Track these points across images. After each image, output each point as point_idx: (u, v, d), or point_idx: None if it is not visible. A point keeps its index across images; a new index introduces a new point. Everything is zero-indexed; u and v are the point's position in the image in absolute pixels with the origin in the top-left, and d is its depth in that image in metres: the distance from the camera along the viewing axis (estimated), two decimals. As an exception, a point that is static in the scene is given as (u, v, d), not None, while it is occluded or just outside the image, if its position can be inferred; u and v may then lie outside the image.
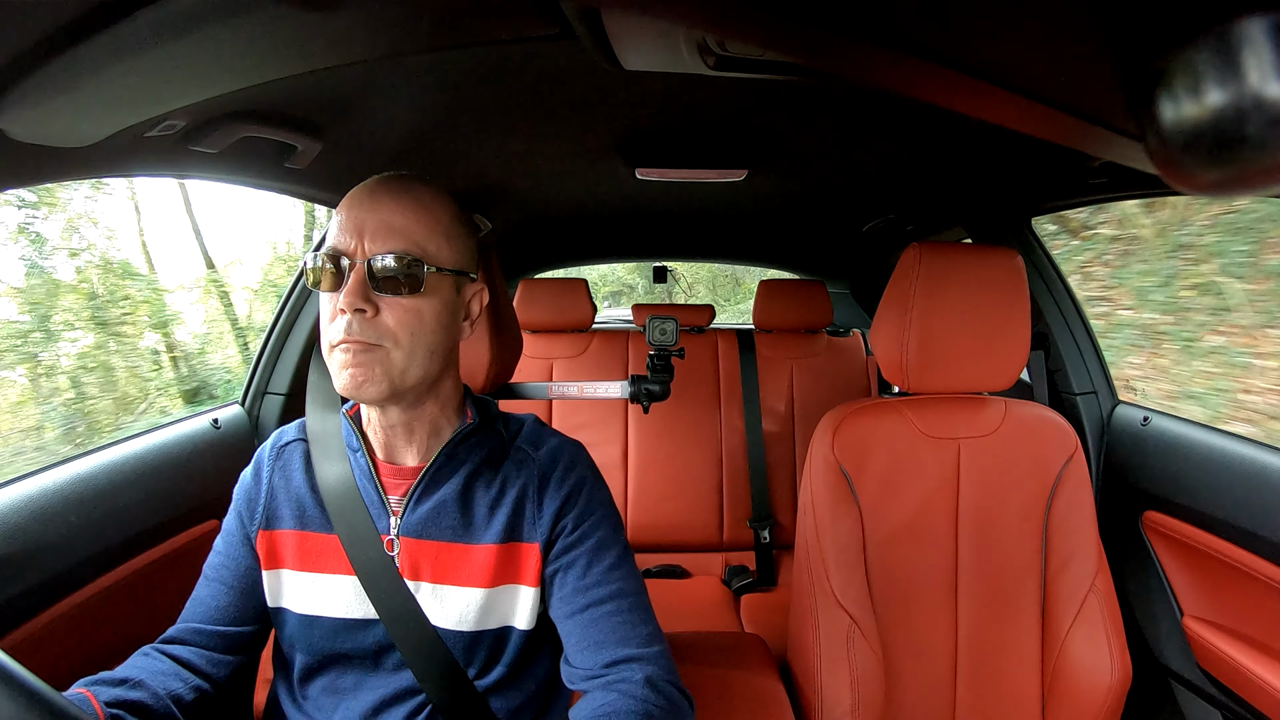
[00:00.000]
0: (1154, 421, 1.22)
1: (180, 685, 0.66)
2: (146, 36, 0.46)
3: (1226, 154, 0.19)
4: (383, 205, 0.65)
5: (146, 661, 0.67)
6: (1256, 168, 0.19)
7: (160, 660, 0.68)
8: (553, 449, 0.74)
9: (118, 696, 0.60)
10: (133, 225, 4.33)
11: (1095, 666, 0.93)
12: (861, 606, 0.94)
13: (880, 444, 0.99)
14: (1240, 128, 0.18)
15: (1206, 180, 0.20)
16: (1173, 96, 0.20)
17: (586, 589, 0.69)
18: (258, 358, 1.30)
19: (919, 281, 0.97)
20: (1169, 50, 0.19)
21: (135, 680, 0.63)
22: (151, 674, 0.65)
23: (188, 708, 0.66)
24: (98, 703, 0.58)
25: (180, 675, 0.67)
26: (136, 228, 4.35)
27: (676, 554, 1.83)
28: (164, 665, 0.67)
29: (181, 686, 0.66)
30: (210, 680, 0.69)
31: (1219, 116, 0.18)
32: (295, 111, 0.82)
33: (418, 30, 0.56)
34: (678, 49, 0.64)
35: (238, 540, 0.73)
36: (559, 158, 1.23)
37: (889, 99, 0.88)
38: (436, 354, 0.67)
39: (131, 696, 0.61)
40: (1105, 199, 1.24)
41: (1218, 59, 0.18)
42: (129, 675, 0.63)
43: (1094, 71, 0.23)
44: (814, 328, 1.96)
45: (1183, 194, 0.56)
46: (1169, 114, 0.20)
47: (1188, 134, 0.19)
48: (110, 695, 0.60)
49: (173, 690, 0.65)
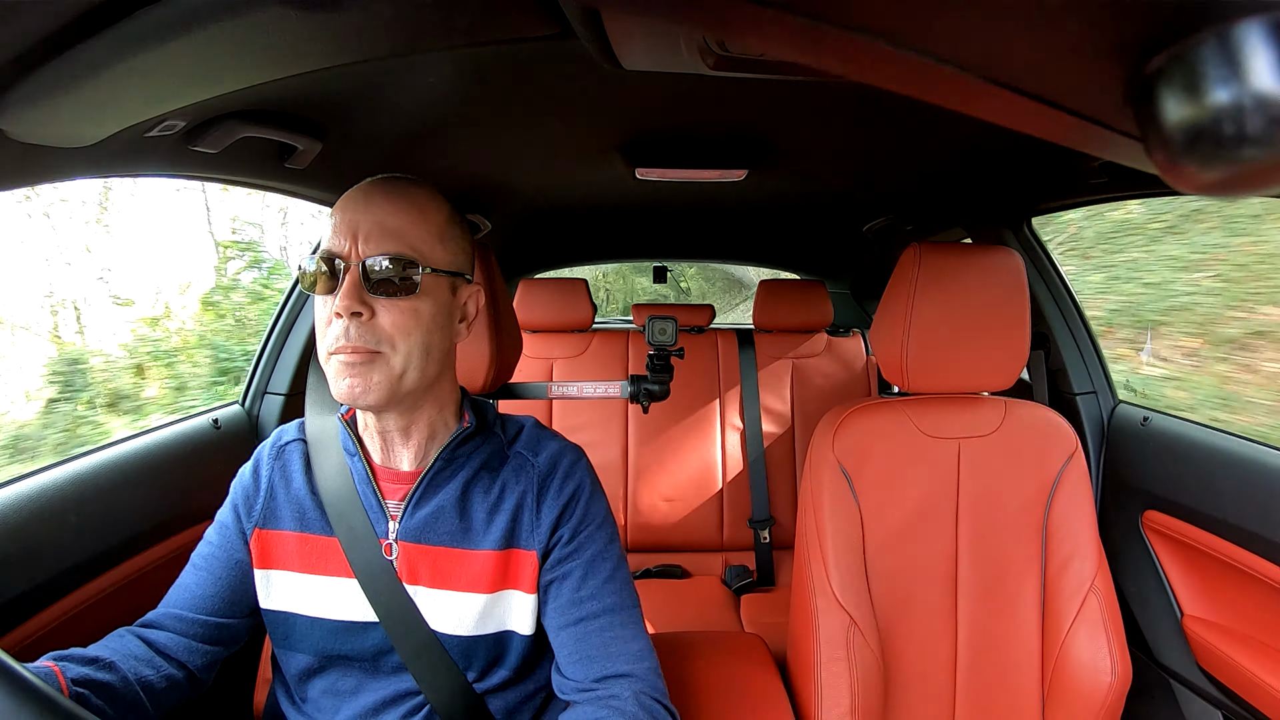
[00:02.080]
0: (1154, 421, 1.22)
1: (151, 672, 0.65)
2: (146, 36, 0.46)
3: (1227, 153, 0.19)
4: (377, 207, 0.64)
5: (121, 643, 0.66)
6: (1257, 167, 0.19)
7: (135, 644, 0.67)
8: (552, 454, 0.74)
9: (85, 675, 0.59)
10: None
11: (1095, 666, 0.93)
12: (861, 606, 0.94)
13: (880, 444, 0.99)
14: (1241, 127, 0.18)
15: (1207, 180, 0.20)
16: (1173, 96, 0.20)
17: (580, 601, 0.70)
18: (258, 358, 1.30)
19: (919, 281, 0.97)
20: (1169, 50, 0.19)
21: (106, 661, 0.62)
22: (123, 656, 0.64)
23: (156, 695, 0.65)
24: (64, 678, 0.57)
25: (153, 662, 0.66)
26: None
27: (676, 554, 1.83)
28: (138, 649, 0.66)
29: (153, 674, 0.65)
30: (184, 668, 0.69)
31: (1219, 116, 0.18)
32: (295, 111, 0.82)
33: (418, 30, 0.56)
34: (678, 49, 0.64)
35: (233, 533, 0.73)
36: (559, 158, 1.23)
37: (889, 99, 0.88)
38: (433, 356, 0.67)
39: (99, 677, 0.60)
40: (1105, 199, 1.24)
41: (1218, 58, 0.18)
42: (100, 655, 0.62)
43: (1094, 71, 0.23)
44: (814, 328, 1.96)
45: (1183, 194, 0.56)
46: (1169, 114, 0.20)
47: (1188, 133, 0.19)
48: (78, 673, 0.59)
49: (143, 676, 0.64)
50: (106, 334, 3.75)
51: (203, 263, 4.45)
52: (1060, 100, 0.24)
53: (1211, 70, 0.18)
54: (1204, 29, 0.18)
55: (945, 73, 0.23)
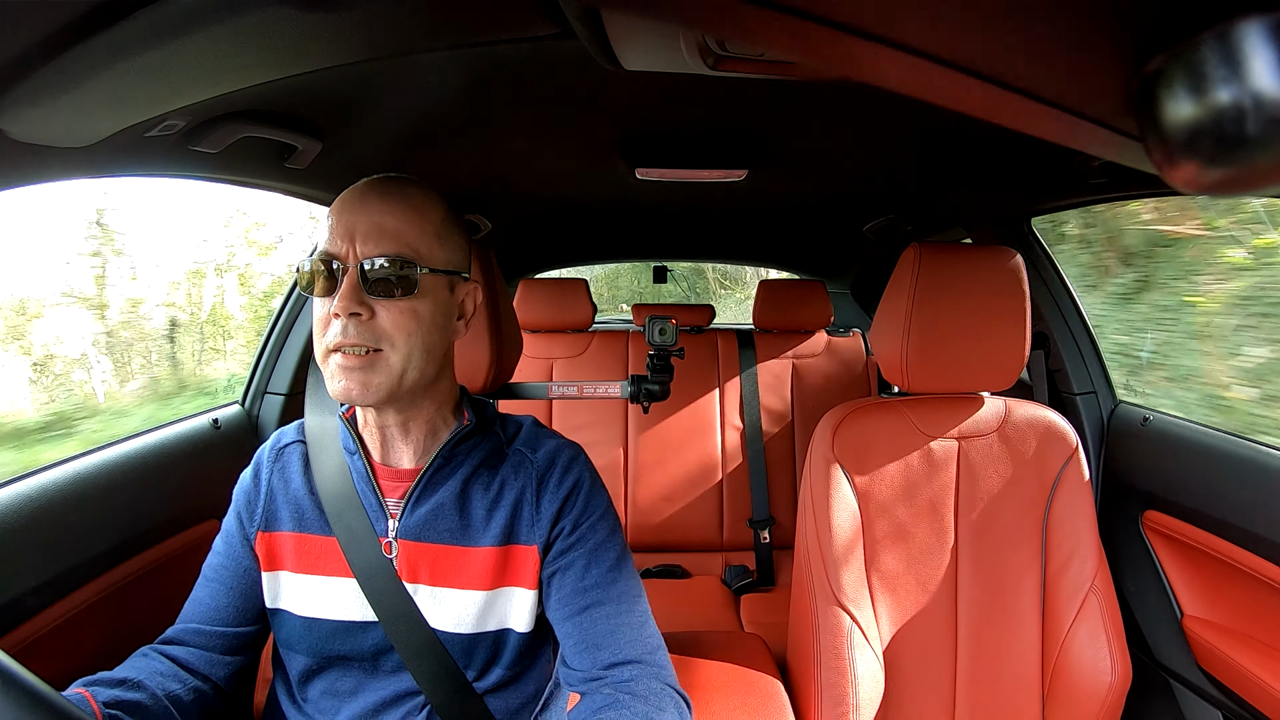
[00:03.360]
0: (1154, 421, 1.22)
1: (179, 686, 0.66)
2: (146, 36, 0.46)
3: (1227, 153, 0.19)
4: (373, 207, 0.64)
5: (145, 662, 0.67)
6: (1257, 167, 0.19)
7: (159, 661, 0.68)
8: (550, 451, 0.74)
9: (116, 697, 0.60)
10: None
11: (1095, 666, 0.93)
12: (861, 606, 0.94)
13: (880, 444, 0.99)
14: (1241, 127, 0.18)
15: (1207, 180, 0.20)
16: (1173, 96, 0.20)
17: (585, 590, 0.69)
18: (257, 358, 1.30)
19: (919, 281, 0.97)
20: (1169, 50, 0.19)
21: (134, 681, 0.63)
22: (150, 674, 0.65)
23: (186, 708, 0.65)
24: (96, 703, 0.57)
25: (179, 676, 0.67)
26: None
27: (676, 554, 1.83)
28: (162, 666, 0.67)
29: (180, 688, 0.66)
30: (209, 681, 0.69)
31: (1219, 116, 0.18)
32: (295, 111, 0.82)
33: (418, 30, 0.56)
34: (678, 49, 0.64)
35: (237, 541, 0.73)
36: (559, 158, 1.23)
37: (889, 99, 0.88)
38: (433, 355, 0.67)
39: (129, 697, 0.61)
40: (1105, 199, 1.24)
41: (1218, 58, 0.18)
42: (127, 676, 0.63)
43: (1094, 71, 0.23)
44: (814, 328, 1.96)
45: (1183, 194, 0.56)
46: (1169, 114, 0.20)
47: (1188, 134, 0.19)
48: (108, 696, 0.59)
49: (171, 691, 0.65)
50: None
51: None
52: (1060, 100, 0.24)
53: (1211, 70, 0.18)
54: (1204, 29, 0.18)
55: (945, 73, 0.23)
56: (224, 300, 4.72)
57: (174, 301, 4.42)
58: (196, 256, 4.68)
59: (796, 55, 0.24)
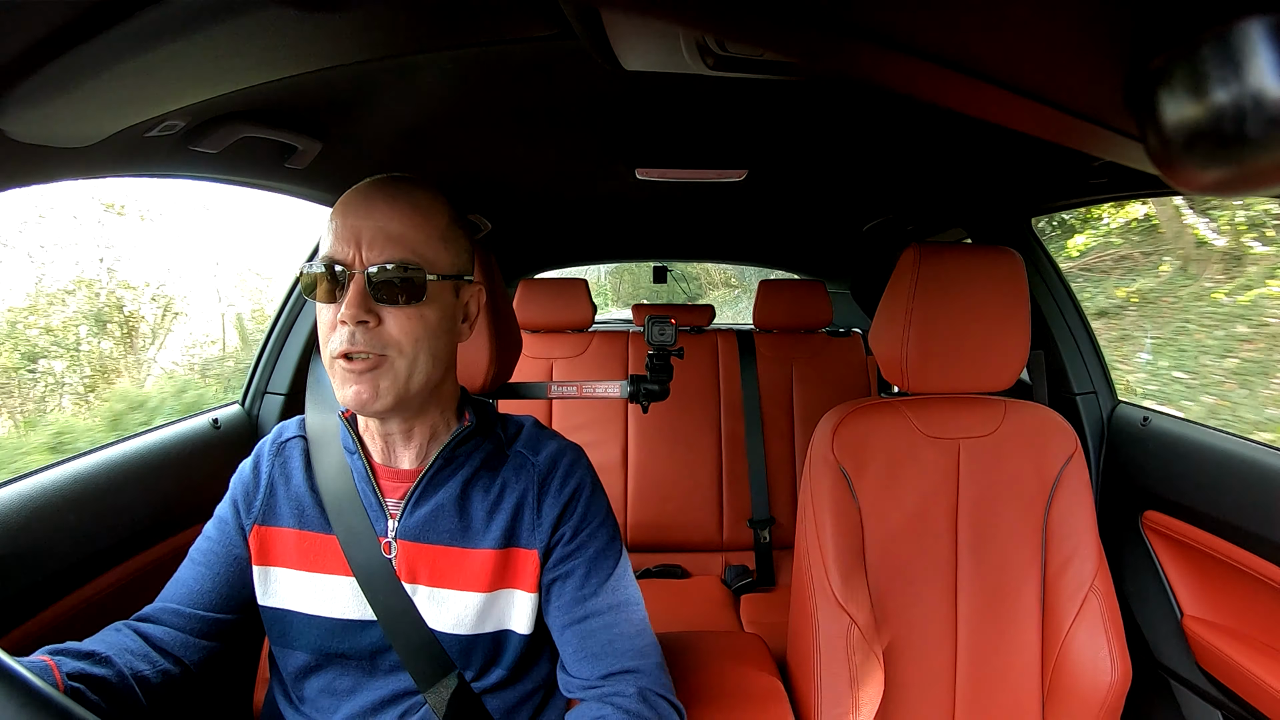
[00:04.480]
0: (1154, 421, 1.22)
1: (147, 667, 0.64)
2: (146, 36, 0.46)
3: (1227, 154, 0.19)
4: (379, 212, 0.63)
5: (117, 638, 0.66)
6: (1257, 167, 0.19)
7: (130, 638, 0.66)
8: (552, 454, 0.74)
9: (80, 669, 0.58)
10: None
11: (1095, 666, 0.93)
12: (861, 606, 0.94)
13: (880, 444, 0.99)
14: (1241, 127, 0.18)
15: (1207, 180, 0.20)
16: (1173, 96, 0.20)
17: (584, 599, 0.70)
18: (257, 357, 1.30)
19: (919, 282, 0.97)
20: (1169, 50, 0.19)
21: (101, 655, 0.61)
22: (119, 651, 0.63)
23: (151, 690, 0.64)
24: (59, 672, 0.56)
25: (149, 656, 0.65)
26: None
27: (676, 554, 1.83)
28: (133, 643, 0.66)
29: (149, 669, 0.64)
30: (180, 664, 0.68)
31: (1220, 116, 0.18)
32: (295, 111, 0.82)
33: (418, 30, 0.56)
34: (678, 49, 0.64)
35: (231, 529, 0.73)
36: (559, 158, 1.23)
37: (889, 99, 0.88)
38: (439, 359, 0.66)
39: (95, 671, 0.59)
40: (1105, 199, 1.24)
41: (1218, 58, 0.18)
42: (96, 649, 0.62)
43: (1094, 71, 0.23)
44: (814, 328, 1.96)
45: (1183, 194, 0.56)
46: (1169, 114, 0.20)
47: (1188, 134, 0.19)
48: (73, 667, 0.58)
49: (138, 670, 0.63)
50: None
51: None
52: (1060, 100, 0.24)
53: (1211, 70, 0.18)
54: (1204, 29, 0.18)
55: (945, 73, 0.23)
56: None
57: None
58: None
59: (795, 56, 0.24)
